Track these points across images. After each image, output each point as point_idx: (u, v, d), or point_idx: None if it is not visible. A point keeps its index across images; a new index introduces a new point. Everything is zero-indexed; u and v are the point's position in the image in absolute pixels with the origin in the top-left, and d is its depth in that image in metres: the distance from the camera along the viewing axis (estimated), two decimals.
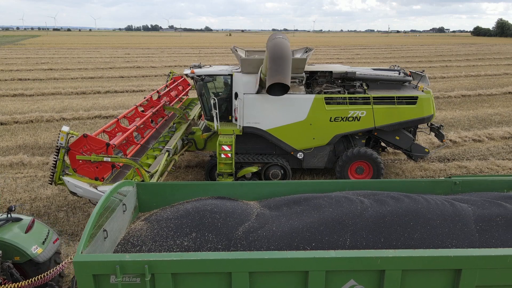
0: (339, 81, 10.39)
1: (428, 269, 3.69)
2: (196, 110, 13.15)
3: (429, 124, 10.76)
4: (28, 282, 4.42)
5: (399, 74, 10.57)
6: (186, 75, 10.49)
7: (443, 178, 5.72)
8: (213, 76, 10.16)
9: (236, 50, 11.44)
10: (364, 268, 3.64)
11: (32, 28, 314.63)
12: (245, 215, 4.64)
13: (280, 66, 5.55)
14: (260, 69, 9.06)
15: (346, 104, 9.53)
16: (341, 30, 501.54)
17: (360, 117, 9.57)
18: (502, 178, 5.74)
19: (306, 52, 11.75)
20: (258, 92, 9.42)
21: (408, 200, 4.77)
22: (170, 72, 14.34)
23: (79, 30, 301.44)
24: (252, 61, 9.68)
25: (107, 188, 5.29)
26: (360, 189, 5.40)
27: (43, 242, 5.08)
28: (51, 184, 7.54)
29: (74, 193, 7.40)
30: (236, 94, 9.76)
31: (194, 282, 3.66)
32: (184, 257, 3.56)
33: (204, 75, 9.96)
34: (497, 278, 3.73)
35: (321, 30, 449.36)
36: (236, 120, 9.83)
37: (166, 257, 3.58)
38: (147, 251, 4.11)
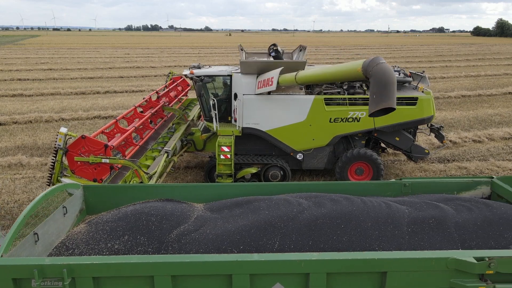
0: (339, 81, 10.36)
1: (353, 272, 3.66)
2: (195, 111, 13.11)
3: (429, 125, 10.73)
4: None
5: (399, 74, 10.53)
6: (185, 75, 10.46)
7: (393, 180, 5.69)
8: (212, 77, 10.13)
9: (242, 49, 11.49)
10: (289, 272, 3.61)
11: (32, 28, 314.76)
12: (183, 218, 4.60)
13: (390, 92, 5.76)
14: (279, 73, 8.92)
15: (346, 105, 9.49)
16: (341, 30, 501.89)
17: (360, 118, 9.54)
18: (452, 180, 5.72)
19: (301, 50, 11.83)
20: (272, 92, 9.35)
21: (345, 202, 4.74)
22: (170, 73, 14.29)
23: (79, 30, 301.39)
24: (251, 63, 9.66)
25: None
26: (314, 191, 5.34)
27: None
28: (49, 185, 7.49)
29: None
30: (236, 95, 9.73)
31: (116, 286, 3.61)
32: (105, 261, 3.52)
33: (203, 75, 9.92)
34: (423, 281, 3.69)
35: (321, 30, 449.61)
36: (235, 121, 9.80)
37: (86, 260, 3.53)
38: (78, 254, 4.07)
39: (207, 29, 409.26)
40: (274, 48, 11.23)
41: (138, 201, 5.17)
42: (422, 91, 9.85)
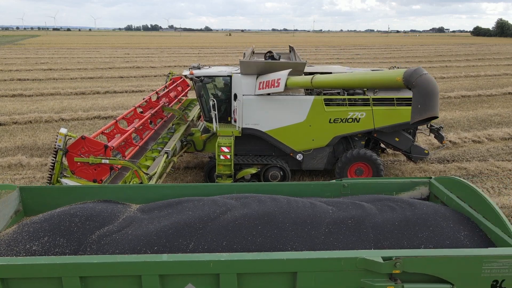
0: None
1: (264, 273, 3.66)
2: (195, 111, 13.12)
3: (428, 126, 10.74)
4: None
5: None
6: (185, 76, 10.47)
7: (333, 180, 5.69)
8: (212, 77, 10.14)
9: (253, 52, 11.59)
10: (198, 272, 3.61)
11: (32, 28, 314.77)
12: (110, 219, 4.57)
13: (435, 101, 6.16)
14: (287, 74, 8.93)
15: (346, 105, 9.51)
16: (341, 30, 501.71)
17: (359, 118, 9.55)
18: (391, 180, 5.71)
19: (291, 51, 11.92)
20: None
21: (270, 203, 4.71)
22: (169, 73, 14.29)
23: (79, 30, 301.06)
24: (251, 63, 9.66)
25: None
26: (254, 192, 5.29)
27: None
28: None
29: None
30: (235, 96, 9.74)
31: (26, 287, 3.60)
32: (11, 262, 3.51)
33: (203, 76, 9.93)
34: (334, 281, 3.68)
35: (321, 30, 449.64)
36: (235, 121, 9.81)
37: None
38: None
39: (207, 29, 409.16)
40: (270, 55, 11.30)
41: (76, 203, 5.12)
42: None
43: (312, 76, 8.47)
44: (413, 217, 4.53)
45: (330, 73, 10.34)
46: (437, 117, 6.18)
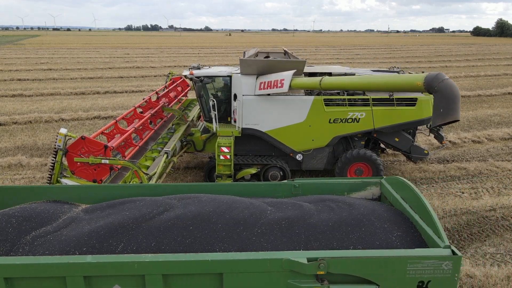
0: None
1: (190, 274, 3.65)
2: (195, 111, 13.13)
3: (428, 126, 10.74)
4: None
5: None
6: (185, 76, 10.48)
7: (285, 181, 5.68)
8: (212, 78, 10.14)
9: (256, 54, 11.60)
10: (123, 273, 3.61)
11: (31, 28, 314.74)
12: (50, 219, 4.55)
13: (457, 105, 6.34)
14: (292, 75, 8.92)
15: (346, 105, 9.51)
16: (341, 30, 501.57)
17: (359, 118, 9.55)
18: (342, 181, 5.71)
19: (286, 54, 11.91)
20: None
21: (209, 203, 4.68)
22: (169, 73, 14.30)
23: (79, 30, 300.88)
24: (251, 61, 9.66)
25: None
26: (204, 192, 5.26)
27: None
28: None
29: None
30: (235, 96, 9.74)
31: None
32: None
33: (203, 76, 9.94)
34: (261, 282, 3.69)
35: (321, 30, 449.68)
36: (235, 121, 9.81)
37: None
38: None
39: (207, 29, 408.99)
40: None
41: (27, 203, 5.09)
42: (422, 92, 9.85)
43: (321, 78, 8.48)
44: (348, 217, 4.51)
45: (330, 73, 10.38)
46: (458, 121, 6.28)
